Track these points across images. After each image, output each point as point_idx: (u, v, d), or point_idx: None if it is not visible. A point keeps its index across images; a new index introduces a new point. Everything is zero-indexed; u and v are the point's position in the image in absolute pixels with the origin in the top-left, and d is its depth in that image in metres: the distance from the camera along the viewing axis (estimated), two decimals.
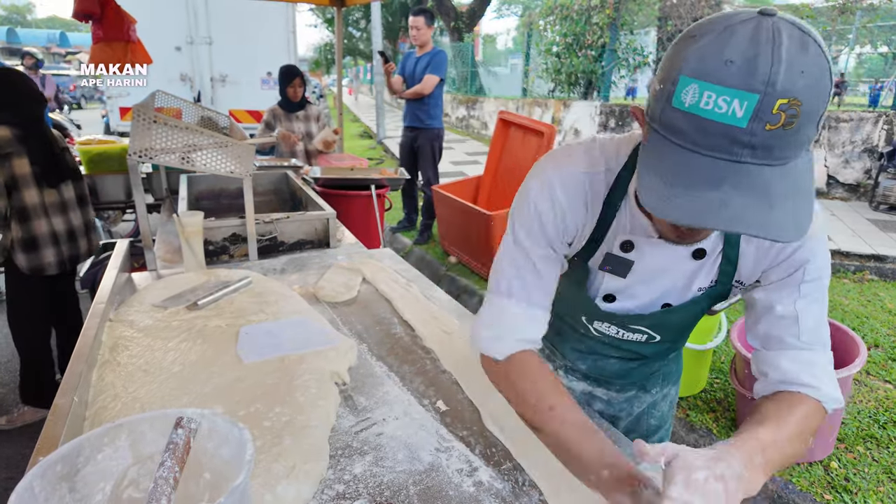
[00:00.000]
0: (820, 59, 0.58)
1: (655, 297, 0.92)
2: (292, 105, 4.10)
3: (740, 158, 0.60)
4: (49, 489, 0.63)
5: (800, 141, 0.60)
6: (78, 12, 2.77)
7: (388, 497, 0.83)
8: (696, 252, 0.85)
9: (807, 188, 0.63)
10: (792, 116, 0.57)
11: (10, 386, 2.89)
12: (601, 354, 1.08)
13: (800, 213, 0.62)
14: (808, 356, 0.80)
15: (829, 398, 0.79)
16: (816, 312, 0.81)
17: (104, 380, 1.06)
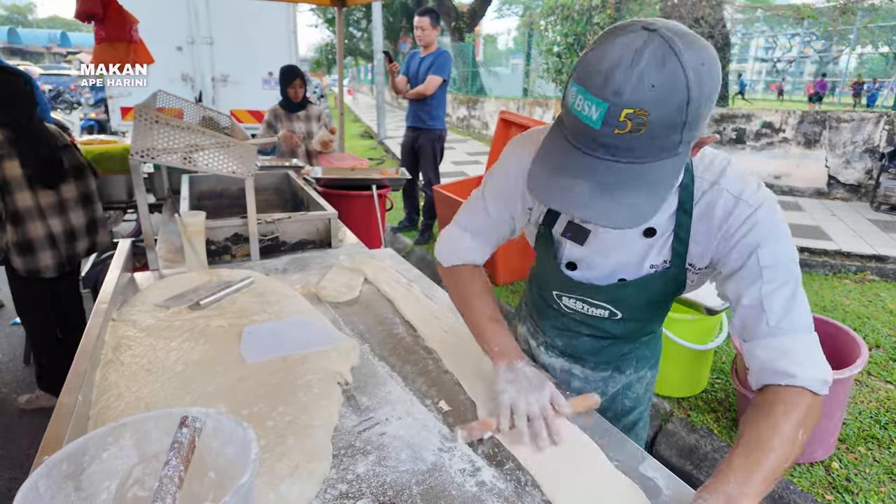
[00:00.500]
0: (676, 74, 0.65)
1: (611, 271, 1.01)
2: (293, 105, 4.10)
3: (595, 153, 0.71)
4: (54, 488, 0.63)
5: (656, 145, 0.69)
6: (80, 13, 2.78)
7: (391, 497, 0.83)
8: (647, 231, 0.93)
9: (657, 186, 0.72)
10: (639, 124, 0.66)
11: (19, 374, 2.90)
12: (575, 332, 1.17)
13: (641, 207, 0.72)
14: (780, 342, 0.82)
15: (811, 381, 0.80)
16: (784, 297, 0.83)
17: (107, 379, 1.06)
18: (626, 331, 1.12)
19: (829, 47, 16.79)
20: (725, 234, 0.87)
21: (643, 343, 1.18)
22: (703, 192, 0.89)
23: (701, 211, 0.89)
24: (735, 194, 0.86)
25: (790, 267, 0.84)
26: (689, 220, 0.90)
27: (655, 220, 0.91)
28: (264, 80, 6.59)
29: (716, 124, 6.92)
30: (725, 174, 0.88)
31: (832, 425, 2.15)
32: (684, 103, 0.66)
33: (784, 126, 6.62)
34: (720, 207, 0.87)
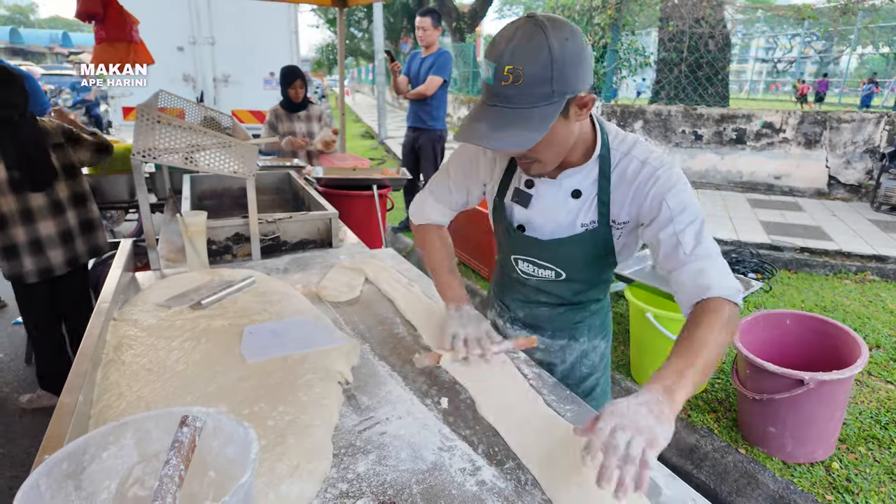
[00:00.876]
0: (541, 42, 0.90)
1: (551, 230, 1.21)
2: (294, 105, 4.10)
3: (491, 103, 0.97)
4: (55, 487, 0.63)
5: (531, 93, 0.92)
6: (81, 12, 2.78)
7: (392, 496, 0.83)
8: (574, 192, 1.16)
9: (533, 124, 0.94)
10: (517, 77, 0.91)
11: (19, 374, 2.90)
12: (534, 301, 1.36)
13: (520, 137, 0.94)
14: (696, 266, 1.02)
15: (724, 290, 0.99)
16: (692, 234, 1.03)
17: (108, 378, 1.06)
18: (573, 293, 1.31)
19: (830, 48, 16.77)
20: (637, 190, 1.10)
21: (593, 312, 1.37)
22: (618, 162, 1.13)
23: (617, 176, 1.12)
24: (641, 159, 1.10)
25: (694, 210, 1.05)
26: (609, 184, 1.13)
27: (580, 184, 1.15)
28: (265, 81, 6.60)
29: (716, 124, 6.91)
30: (635, 147, 1.12)
31: (832, 425, 2.15)
32: (549, 62, 0.90)
33: (784, 126, 6.62)
34: (631, 171, 1.11)
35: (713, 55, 7.75)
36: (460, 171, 1.34)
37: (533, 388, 1.14)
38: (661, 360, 1.28)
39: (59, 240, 2.42)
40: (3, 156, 2.21)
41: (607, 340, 1.43)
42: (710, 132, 6.97)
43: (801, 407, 2.07)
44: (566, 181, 1.16)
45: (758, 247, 4.57)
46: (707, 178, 7.06)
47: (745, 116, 6.84)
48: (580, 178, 1.15)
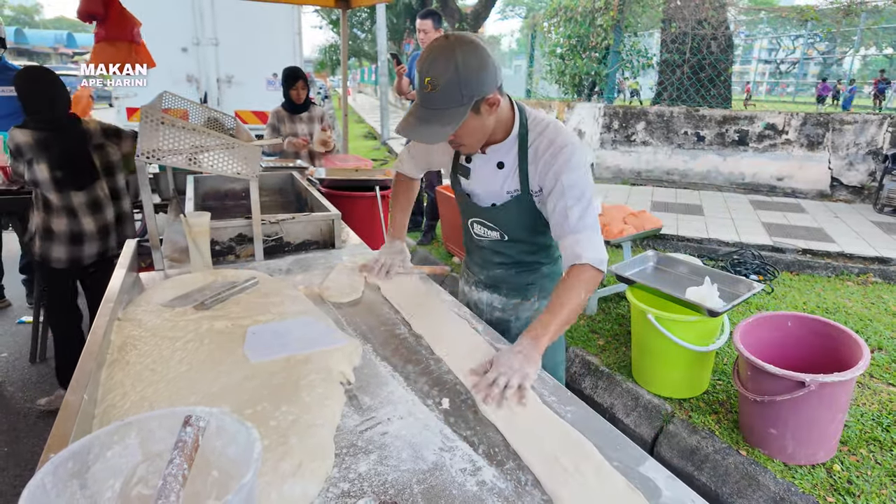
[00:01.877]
0: (450, 58, 1.16)
1: (487, 196, 1.49)
2: (296, 107, 4.11)
3: (422, 105, 1.22)
4: (60, 486, 0.64)
5: (446, 98, 1.18)
6: (82, 13, 2.80)
7: (393, 495, 0.84)
8: (498, 164, 1.42)
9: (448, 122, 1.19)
10: (434, 86, 1.17)
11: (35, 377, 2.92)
12: (490, 262, 1.62)
13: (438, 133, 1.20)
14: (575, 237, 1.28)
15: (593, 259, 1.26)
16: (579, 208, 1.29)
17: (113, 378, 1.07)
18: (519, 253, 1.55)
19: (833, 49, 16.73)
20: (543, 164, 1.34)
21: (543, 275, 1.60)
22: (534, 140, 1.36)
23: (532, 152, 1.36)
24: (550, 139, 1.34)
25: (584, 189, 1.29)
26: (526, 158, 1.37)
27: (503, 157, 1.40)
28: (269, 82, 6.61)
29: (718, 126, 6.91)
30: (548, 128, 1.36)
31: (834, 427, 2.15)
32: (456, 74, 1.15)
33: (787, 128, 6.61)
34: (542, 148, 1.34)
35: (716, 56, 7.74)
36: (422, 149, 1.67)
37: (533, 388, 1.14)
38: (663, 361, 1.31)
39: (97, 235, 2.55)
40: (48, 158, 2.34)
41: None
42: (713, 134, 6.96)
43: (802, 409, 2.07)
44: (493, 155, 1.42)
45: (760, 248, 4.57)
46: (709, 179, 7.05)
47: (747, 118, 6.83)
48: (503, 153, 1.40)
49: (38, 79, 2.41)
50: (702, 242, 4.77)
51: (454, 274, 4.20)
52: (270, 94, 6.62)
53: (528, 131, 1.37)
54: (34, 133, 2.31)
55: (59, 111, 2.42)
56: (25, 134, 2.31)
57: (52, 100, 2.39)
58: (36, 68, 2.57)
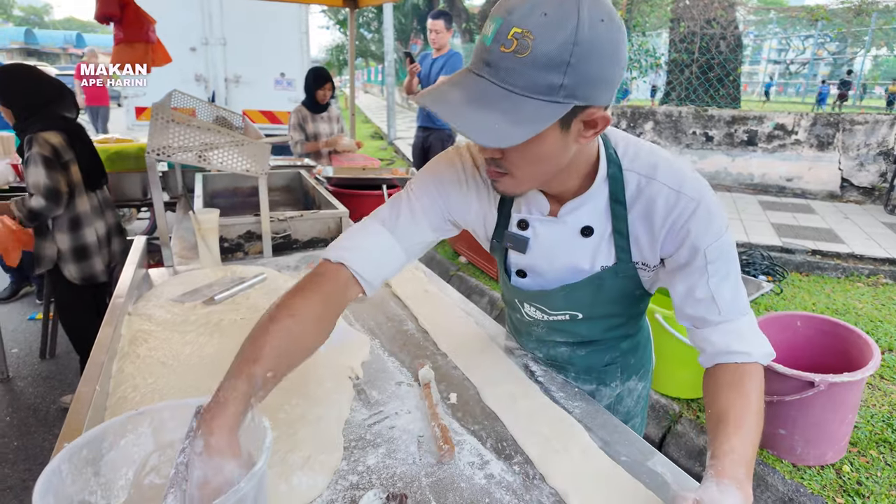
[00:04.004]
0: (570, 13, 0.65)
1: (561, 275, 0.99)
2: (318, 106, 4.16)
3: (480, 72, 0.71)
4: (75, 472, 0.65)
5: (535, 76, 0.67)
6: (100, 15, 2.83)
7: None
8: (584, 230, 0.92)
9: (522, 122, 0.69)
10: (524, 46, 0.66)
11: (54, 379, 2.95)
12: (548, 341, 1.18)
13: (500, 132, 0.69)
14: (732, 327, 0.88)
15: (761, 356, 0.87)
16: (729, 287, 0.88)
17: (124, 371, 1.09)
18: (595, 331, 1.10)
19: (844, 49, 16.62)
20: (671, 229, 0.87)
21: (625, 352, 1.16)
22: (639, 188, 0.88)
23: (642, 208, 0.88)
24: (675, 188, 0.85)
25: (731, 256, 0.88)
26: (625, 213, 0.89)
27: (591, 218, 0.91)
28: (276, 81, 6.64)
29: (727, 126, 6.88)
30: (659, 167, 0.87)
31: (843, 428, 2.14)
32: (570, 43, 0.66)
33: (796, 128, 6.57)
34: (661, 203, 0.86)
35: (724, 56, 7.71)
36: (437, 188, 0.98)
37: (541, 384, 1.15)
38: (671, 361, 1.27)
39: (108, 238, 2.50)
40: (77, 158, 2.28)
41: (646, 380, 1.24)
42: (721, 134, 6.93)
43: (811, 409, 2.06)
44: (570, 217, 0.92)
45: (769, 249, 4.54)
46: (718, 179, 7.02)
47: (756, 118, 6.79)
48: (588, 210, 0.91)
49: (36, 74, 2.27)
50: None
51: (461, 273, 4.21)
52: (278, 94, 6.65)
53: (622, 170, 0.88)
54: (62, 134, 2.22)
55: (76, 111, 2.36)
56: (55, 136, 2.19)
57: (71, 100, 2.33)
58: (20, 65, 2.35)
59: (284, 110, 6.57)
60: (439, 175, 0.99)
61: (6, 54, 26.07)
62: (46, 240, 2.31)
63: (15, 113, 2.21)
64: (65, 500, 0.63)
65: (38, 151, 2.13)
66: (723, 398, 0.84)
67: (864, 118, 6.32)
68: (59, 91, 2.29)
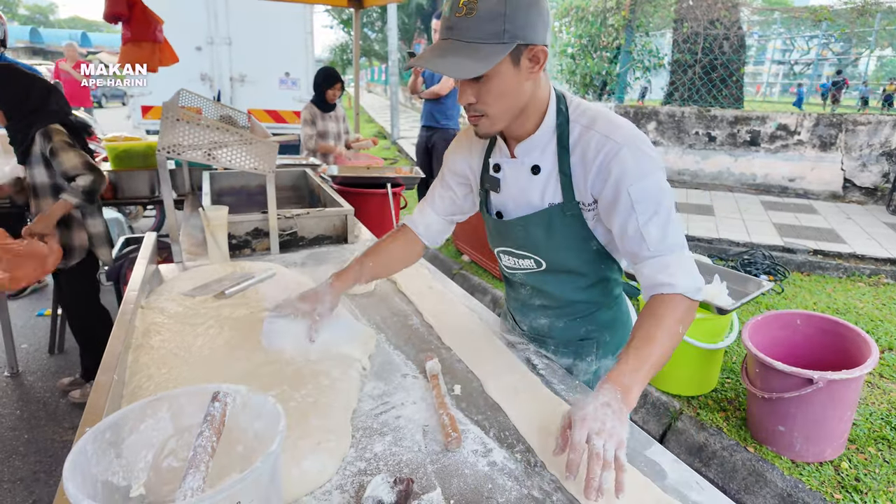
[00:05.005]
0: None
1: (521, 211, 1.15)
2: (326, 105, 4.20)
3: (447, 37, 0.95)
4: (100, 453, 0.68)
5: (484, 28, 0.91)
6: (108, 15, 2.86)
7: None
8: (533, 168, 1.10)
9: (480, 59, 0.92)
10: (471, 9, 0.91)
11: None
12: (528, 306, 1.31)
13: (464, 65, 0.92)
14: (661, 261, 0.99)
15: (685, 288, 0.98)
16: (657, 225, 0.99)
17: (139, 362, 1.12)
18: (563, 289, 1.21)
19: (848, 50, 16.57)
20: (598, 170, 1.02)
21: (602, 326, 1.26)
22: (579, 135, 1.04)
23: (579, 153, 1.04)
24: (604, 134, 1.01)
25: (659, 198, 0.99)
26: (569, 157, 1.06)
27: (539, 159, 1.09)
28: (281, 81, 6.68)
29: (730, 126, 6.89)
30: (598, 119, 1.04)
31: (842, 425, 2.16)
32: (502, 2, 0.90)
33: (799, 128, 6.58)
34: (592, 147, 1.02)
35: (728, 57, 7.71)
36: (442, 172, 1.33)
37: (542, 376, 1.18)
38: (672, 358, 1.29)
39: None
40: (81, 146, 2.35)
41: None
42: (724, 134, 6.94)
43: (810, 406, 2.09)
44: (526, 158, 1.11)
45: (770, 249, 4.56)
46: (720, 179, 7.03)
47: (759, 118, 6.80)
48: (537, 152, 1.09)
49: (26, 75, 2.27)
50: (712, 242, 4.77)
51: (464, 272, 4.23)
52: (283, 93, 6.68)
53: (569, 122, 1.06)
54: (63, 127, 2.28)
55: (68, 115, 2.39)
56: (61, 128, 2.24)
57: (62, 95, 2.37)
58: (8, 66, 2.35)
59: (289, 109, 6.61)
60: (451, 153, 1.29)
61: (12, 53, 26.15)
62: (73, 230, 2.39)
63: (8, 114, 2.24)
64: (90, 478, 0.66)
65: (59, 139, 2.22)
66: (639, 323, 0.98)
67: (867, 119, 6.33)
68: (49, 90, 2.31)
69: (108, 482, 0.70)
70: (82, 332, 2.67)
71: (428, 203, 1.34)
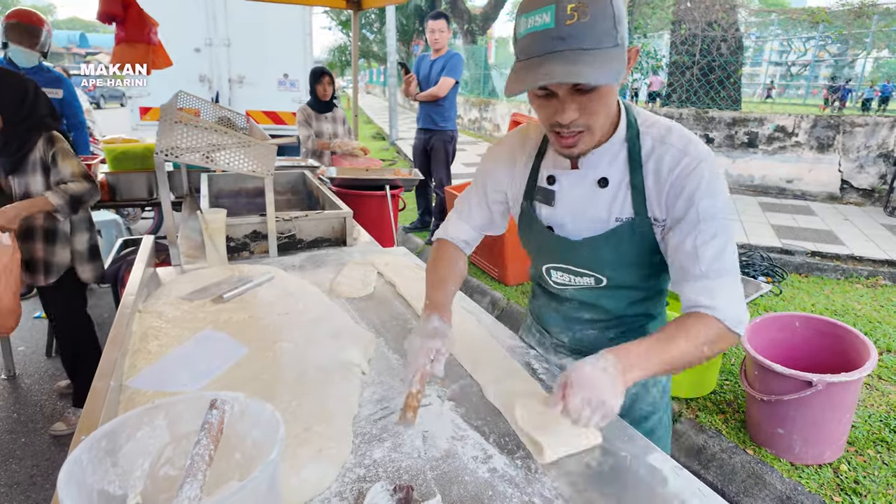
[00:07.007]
0: None
1: (582, 226, 1.08)
2: (321, 106, 4.19)
3: (556, 48, 0.84)
4: (95, 462, 0.67)
5: (598, 32, 0.83)
6: (102, 14, 2.85)
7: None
8: (601, 181, 1.03)
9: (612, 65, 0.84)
10: (583, 13, 0.81)
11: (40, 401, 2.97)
12: (575, 319, 1.22)
13: (602, 72, 0.83)
14: (708, 283, 0.94)
15: (728, 317, 0.93)
16: (714, 247, 0.94)
17: (136, 367, 1.11)
18: (619, 304, 1.15)
19: (845, 51, 16.61)
20: (673, 184, 0.97)
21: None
22: (653, 148, 1.00)
23: (653, 166, 0.99)
24: (680, 148, 0.97)
25: (723, 220, 0.95)
26: (641, 171, 1.00)
27: (607, 171, 1.02)
28: (279, 82, 6.67)
29: (728, 128, 6.90)
30: (672, 133, 0.99)
31: (841, 428, 2.16)
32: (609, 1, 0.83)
33: (797, 130, 6.59)
34: (668, 161, 0.97)
35: (725, 58, 7.73)
36: (479, 184, 1.25)
37: (542, 381, 1.17)
38: None
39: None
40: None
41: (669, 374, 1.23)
42: (722, 135, 6.95)
43: (809, 408, 2.09)
44: (590, 170, 1.04)
45: (768, 250, 4.56)
46: None
47: (756, 120, 6.82)
48: (605, 164, 1.02)
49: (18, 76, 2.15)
50: None
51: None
52: (281, 95, 6.67)
53: (639, 133, 1.01)
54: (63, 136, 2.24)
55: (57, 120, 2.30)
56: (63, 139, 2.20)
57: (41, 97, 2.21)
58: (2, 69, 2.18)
59: (287, 111, 6.60)
60: (491, 166, 1.22)
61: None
62: (58, 245, 2.28)
63: (6, 119, 2.10)
64: (85, 488, 0.65)
65: (62, 146, 2.19)
66: (665, 327, 0.94)
67: (865, 120, 6.34)
68: (38, 92, 2.20)
69: (104, 491, 0.69)
70: (67, 349, 2.53)
71: (464, 217, 1.29)
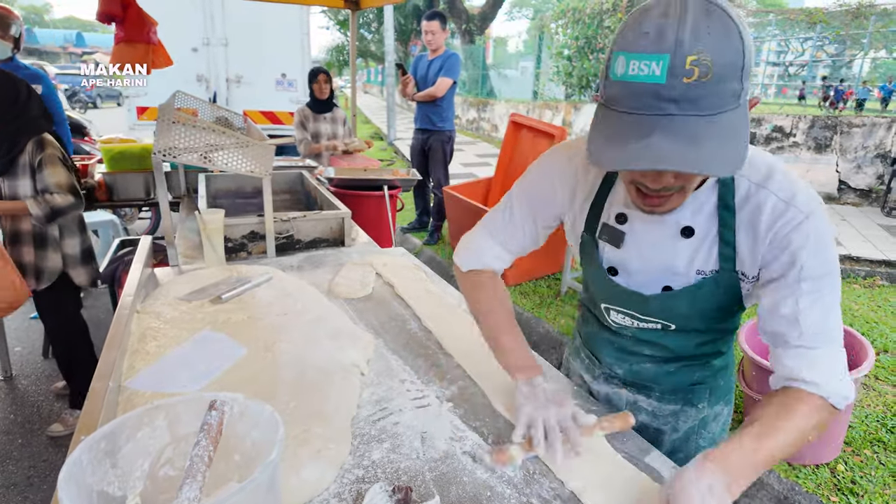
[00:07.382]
0: (724, 19, 0.65)
1: (654, 277, 0.94)
2: (320, 106, 4.19)
3: (666, 111, 0.67)
4: (95, 463, 0.68)
5: (722, 92, 0.67)
6: (101, 14, 2.85)
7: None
8: (684, 230, 0.88)
9: (738, 134, 0.69)
10: (705, 70, 0.64)
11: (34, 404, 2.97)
12: (633, 353, 1.08)
13: (730, 154, 0.68)
14: (809, 353, 0.81)
15: (833, 393, 0.80)
16: (819, 312, 0.80)
17: (134, 367, 1.11)
18: (686, 347, 1.03)
19: (843, 52, 16.67)
20: (773, 239, 0.82)
21: (716, 371, 1.07)
22: (748, 194, 0.84)
23: (747, 215, 0.84)
24: (785, 200, 0.81)
25: (831, 281, 0.81)
26: (733, 220, 0.85)
27: (693, 219, 0.87)
28: (277, 82, 6.66)
29: None
30: (773, 177, 0.83)
31: (838, 428, 2.17)
32: (740, 47, 0.66)
33: (795, 130, 6.61)
34: (767, 212, 0.82)
35: None
36: (526, 206, 1.07)
37: None
38: None
39: None
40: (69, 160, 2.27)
41: (731, 406, 1.15)
42: None
43: None
44: (674, 216, 0.88)
45: None
46: None
47: (754, 120, 6.83)
48: (691, 211, 0.87)
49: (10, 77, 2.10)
50: None
51: None
52: (279, 95, 6.67)
53: (733, 176, 0.85)
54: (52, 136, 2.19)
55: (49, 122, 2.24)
56: (56, 144, 2.15)
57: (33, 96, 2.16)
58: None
59: (285, 111, 6.59)
60: (545, 188, 1.05)
61: None
62: (49, 250, 2.25)
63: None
64: (85, 489, 0.65)
65: (52, 153, 2.12)
66: (764, 408, 0.81)
67: (862, 121, 6.36)
68: (30, 93, 2.16)
69: (104, 492, 0.69)
70: (62, 353, 2.51)
71: (500, 241, 1.11)
